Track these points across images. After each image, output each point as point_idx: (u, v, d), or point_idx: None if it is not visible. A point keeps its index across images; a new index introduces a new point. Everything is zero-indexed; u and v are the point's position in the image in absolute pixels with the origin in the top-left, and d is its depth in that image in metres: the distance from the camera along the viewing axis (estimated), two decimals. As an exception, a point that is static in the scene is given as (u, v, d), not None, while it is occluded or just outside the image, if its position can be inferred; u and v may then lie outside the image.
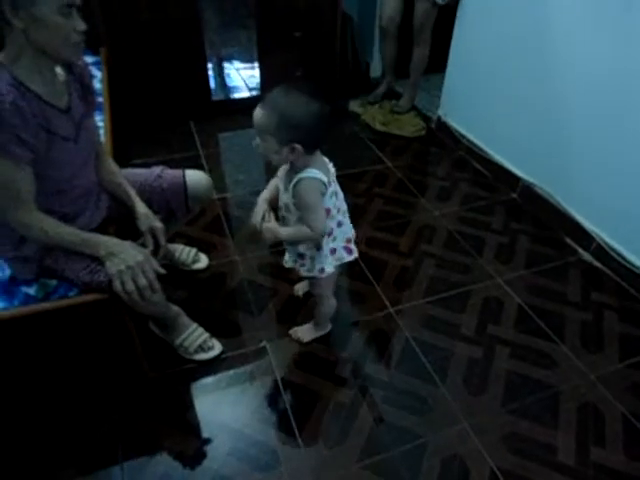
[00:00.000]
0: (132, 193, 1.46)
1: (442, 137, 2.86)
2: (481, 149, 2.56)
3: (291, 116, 1.11)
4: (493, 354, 1.63)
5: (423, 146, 2.82)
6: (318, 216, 1.23)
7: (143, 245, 1.39)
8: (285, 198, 1.29)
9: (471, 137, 2.63)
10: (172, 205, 1.57)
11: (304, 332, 1.66)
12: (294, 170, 1.22)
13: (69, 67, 1.26)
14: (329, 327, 1.68)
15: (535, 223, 2.22)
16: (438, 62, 2.84)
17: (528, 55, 2.12)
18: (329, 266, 1.38)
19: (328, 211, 1.28)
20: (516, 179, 2.35)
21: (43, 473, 1.31)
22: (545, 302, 1.82)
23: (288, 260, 1.47)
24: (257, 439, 1.39)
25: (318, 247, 1.35)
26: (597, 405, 1.48)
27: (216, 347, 1.59)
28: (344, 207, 1.37)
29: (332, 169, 1.31)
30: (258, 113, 1.14)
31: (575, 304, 1.82)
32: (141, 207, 1.44)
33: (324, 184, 1.22)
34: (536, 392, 1.52)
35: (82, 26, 1.11)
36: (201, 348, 1.57)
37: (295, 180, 1.20)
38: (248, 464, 1.33)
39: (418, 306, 1.80)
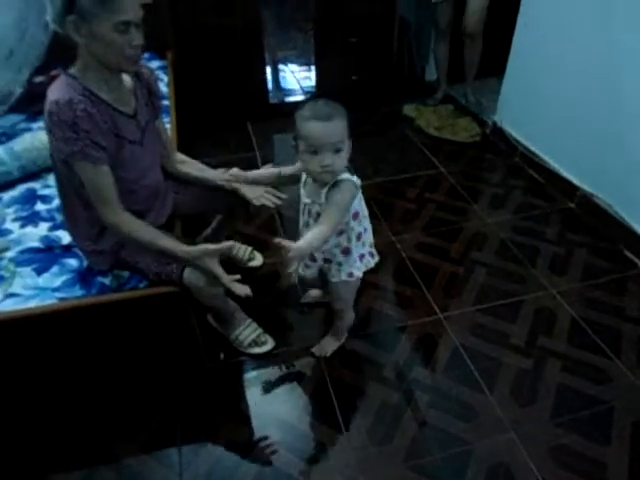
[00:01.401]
0: (204, 172, 1.61)
1: (497, 143, 2.82)
2: (538, 156, 2.51)
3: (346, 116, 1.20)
4: (544, 366, 1.61)
5: (477, 152, 2.79)
6: (341, 215, 1.22)
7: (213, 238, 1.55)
8: (316, 209, 1.30)
9: (528, 144, 2.58)
10: (233, 205, 1.65)
11: (327, 346, 1.66)
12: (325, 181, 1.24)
13: (137, 75, 1.36)
14: (345, 336, 1.70)
15: (593, 234, 2.15)
16: (494, 65, 2.81)
17: (593, 60, 2.06)
18: (357, 270, 1.40)
19: (357, 214, 1.31)
20: (574, 188, 2.29)
21: (108, 444, 1.43)
22: (601, 316, 1.78)
23: (308, 270, 1.45)
24: (305, 432, 1.46)
25: (347, 252, 1.36)
26: (653, 424, 1.45)
27: (269, 342, 1.67)
28: (366, 212, 1.38)
29: None
30: (333, 127, 1.15)
31: (633, 319, 1.76)
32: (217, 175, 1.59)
33: (356, 187, 1.25)
34: (588, 407, 1.49)
35: (138, 41, 1.19)
36: (255, 342, 1.64)
37: (331, 183, 1.22)
38: (296, 455, 1.39)
39: (467, 313, 1.81)
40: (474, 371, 1.60)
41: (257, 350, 1.65)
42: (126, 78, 1.32)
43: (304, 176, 1.35)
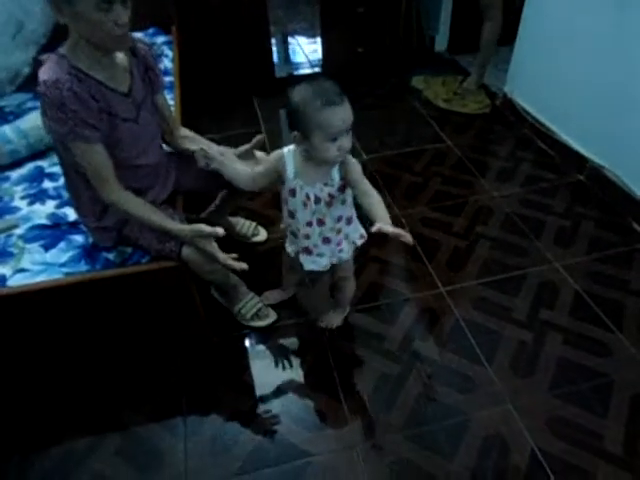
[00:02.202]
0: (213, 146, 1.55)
1: (507, 115, 2.76)
2: (548, 128, 2.45)
3: None
4: (544, 339, 1.62)
5: (486, 124, 2.74)
6: None
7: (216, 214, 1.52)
8: (328, 190, 1.26)
9: (538, 115, 2.53)
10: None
11: (334, 318, 1.69)
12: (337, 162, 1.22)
13: (132, 51, 1.34)
14: (349, 308, 1.72)
15: (601, 207, 2.12)
16: (507, 35, 2.72)
17: (603, 29, 1.99)
18: (363, 230, 1.42)
19: None
20: (584, 160, 2.24)
21: (116, 413, 1.49)
22: (605, 289, 1.76)
23: (327, 262, 1.41)
24: (306, 403, 1.50)
25: (350, 221, 1.37)
26: (652, 397, 1.45)
27: (271, 315, 1.70)
28: None
29: None
30: (348, 108, 1.12)
31: (638, 293, 1.75)
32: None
33: None
34: (587, 379, 1.50)
35: (124, 19, 1.14)
36: (257, 316, 1.68)
37: (339, 163, 1.22)
38: (297, 424, 1.44)
39: (470, 287, 1.81)
40: (474, 344, 1.62)
41: (259, 323, 1.68)
42: (120, 55, 1.30)
43: (291, 167, 1.26)
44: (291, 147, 1.26)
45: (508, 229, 2.04)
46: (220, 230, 1.28)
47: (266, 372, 1.59)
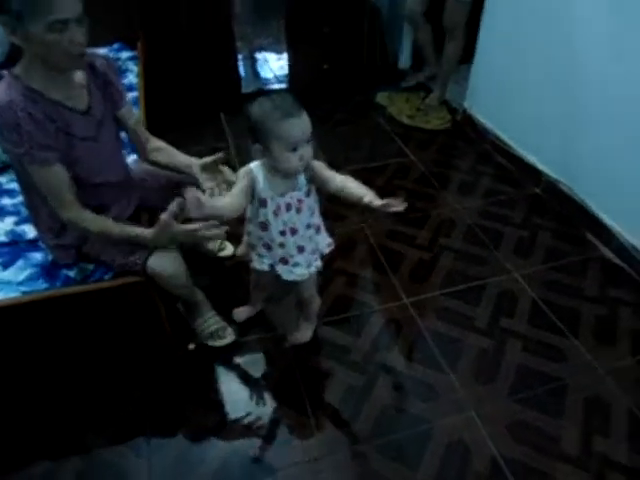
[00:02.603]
0: (174, 158, 1.56)
1: (467, 130, 2.86)
2: (505, 143, 2.56)
3: None
4: (504, 347, 1.67)
5: (448, 139, 2.83)
6: None
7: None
8: (297, 196, 1.30)
9: (496, 131, 2.63)
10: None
11: (304, 333, 1.69)
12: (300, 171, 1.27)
13: (91, 67, 1.32)
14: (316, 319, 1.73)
15: (557, 219, 2.21)
16: (469, 52, 2.83)
17: (555, 49, 2.10)
18: (329, 237, 1.47)
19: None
20: (540, 175, 2.34)
21: (78, 435, 1.45)
22: (561, 297, 1.84)
23: (304, 271, 1.42)
24: (273, 417, 1.50)
25: (318, 229, 1.42)
26: (604, 398, 1.51)
27: (228, 337, 1.65)
28: None
29: None
30: (306, 119, 1.17)
31: (591, 299, 1.82)
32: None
33: None
34: (544, 384, 1.55)
35: (79, 39, 1.13)
36: (215, 335, 1.64)
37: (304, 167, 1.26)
38: (264, 439, 1.43)
39: (433, 298, 1.85)
40: (437, 353, 1.65)
41: (215, 343, 1.64)
42: (77, 73, 1.28)
43: (262, 179, 1.28)
44: (257, 162, 1.29)
45: (470, 240, 2.11)
46: (181, 200, 1.24)
47: (233, 387, 1.58)
